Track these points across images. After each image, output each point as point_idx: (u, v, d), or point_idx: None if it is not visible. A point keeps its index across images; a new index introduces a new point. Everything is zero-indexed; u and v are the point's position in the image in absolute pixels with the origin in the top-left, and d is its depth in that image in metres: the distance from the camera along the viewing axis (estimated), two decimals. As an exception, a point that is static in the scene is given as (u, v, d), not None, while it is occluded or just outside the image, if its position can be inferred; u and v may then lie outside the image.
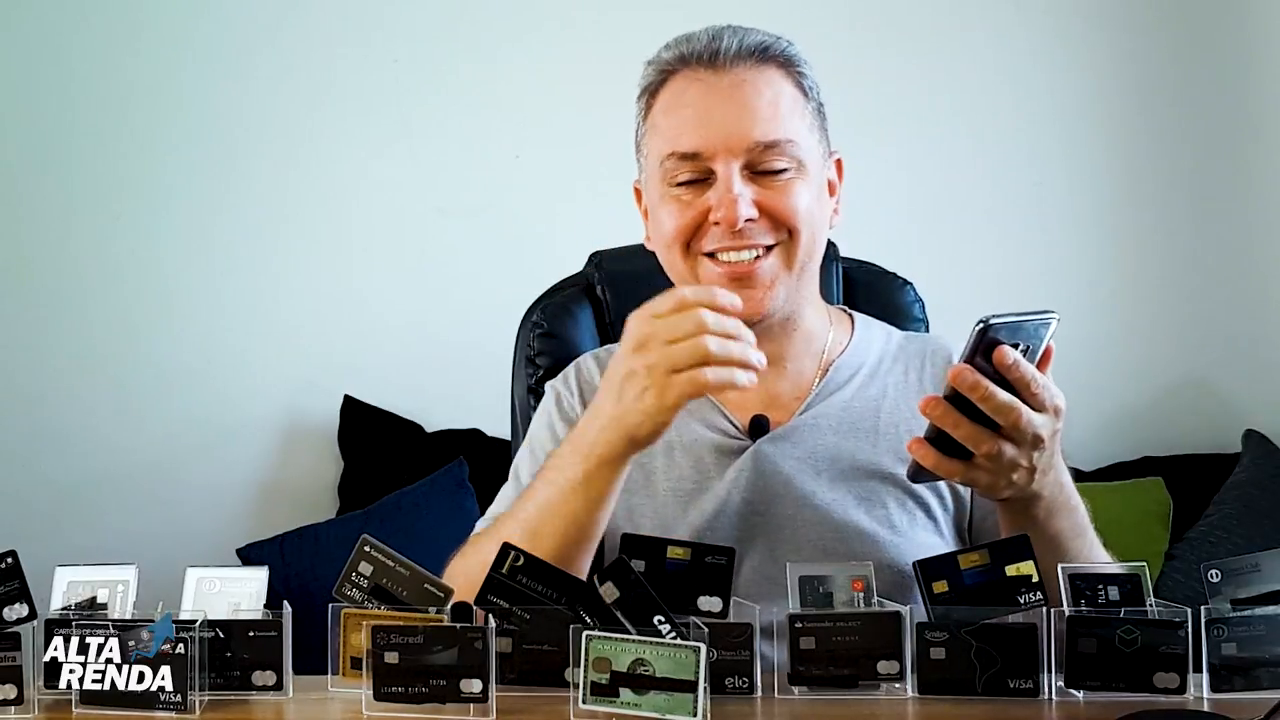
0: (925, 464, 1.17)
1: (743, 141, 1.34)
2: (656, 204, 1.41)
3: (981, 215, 3.11)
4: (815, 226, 1.39)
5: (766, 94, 1.36)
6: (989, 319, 1.10)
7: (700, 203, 1.36)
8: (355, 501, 2.96)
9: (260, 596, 1.16)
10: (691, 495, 1.41)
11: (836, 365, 1.47)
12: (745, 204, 1.33)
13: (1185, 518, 2.82)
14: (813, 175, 1.38)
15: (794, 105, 1.38)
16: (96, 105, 3.07)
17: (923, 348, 1.51)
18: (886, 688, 1.11)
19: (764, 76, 1.37)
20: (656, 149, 1.40)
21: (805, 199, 1.37)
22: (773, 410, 1.44)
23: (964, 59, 3.12)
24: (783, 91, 1.37)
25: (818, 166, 1.40)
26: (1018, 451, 1.15)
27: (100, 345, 3.05)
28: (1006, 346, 1.11)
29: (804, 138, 1.38)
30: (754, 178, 1.35)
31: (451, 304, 3.06)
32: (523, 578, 1.10)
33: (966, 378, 1.11)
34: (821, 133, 1.42)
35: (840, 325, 1.51)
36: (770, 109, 1.36)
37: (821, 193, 1.41)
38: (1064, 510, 1.25)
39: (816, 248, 1.41)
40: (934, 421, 1.14)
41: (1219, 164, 3.11)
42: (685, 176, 1.37)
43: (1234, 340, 3.11)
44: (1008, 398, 1.12)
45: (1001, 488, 1.19)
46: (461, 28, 3.09)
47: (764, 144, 1.34)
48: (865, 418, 1.44)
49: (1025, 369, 1.12)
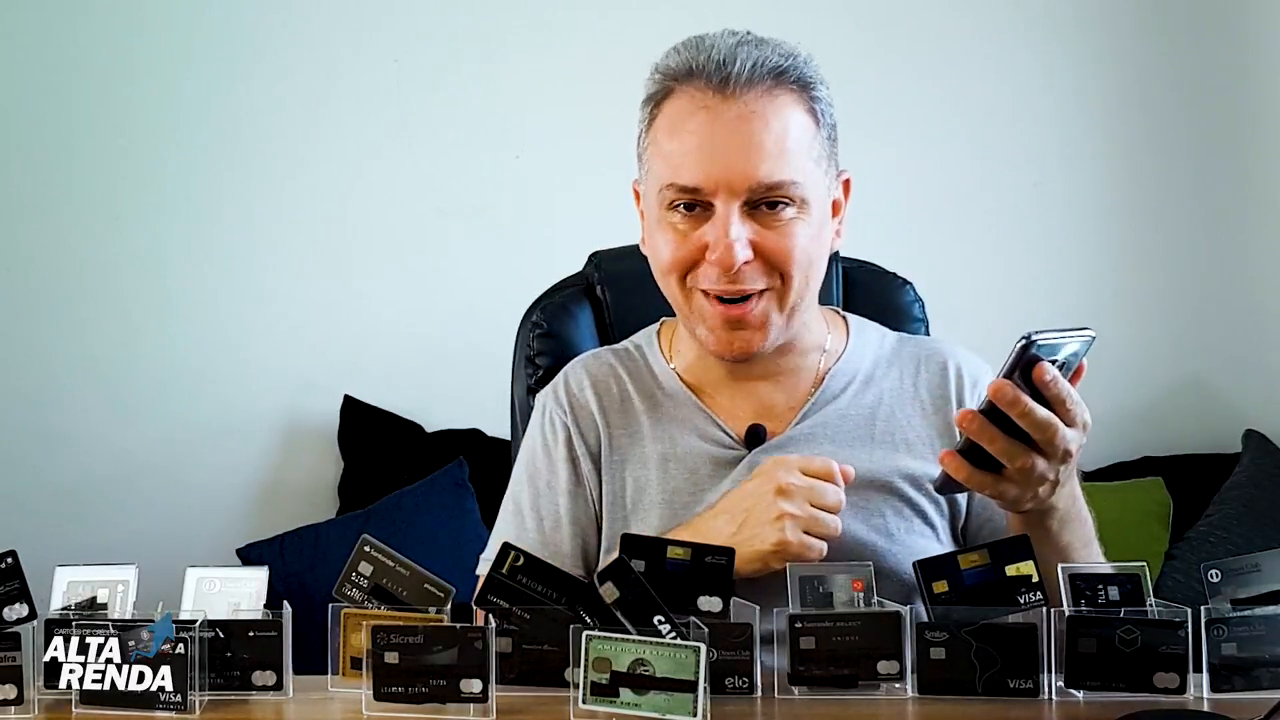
0: (957, 477, 1.18)
1: (745, 181, 1.31)
2: (654, 224, 1.39)
3: (981, 215, 3.11)
4: (810, 268, 1.37)
5: (775, 127, 1.31)
6: (1032, 335, 1.11)
7: (697, 237, 1.34)
8: (355, 501, 2.96)
9: (260, 596, 1.16)
10: (687, 506, 1.40)
11: (832, 373, 1.46)
12: (742, 247, 1.31)
13: (1185, 518, 2.82)
14: (814, 213, 1.35)
15: (802, 138, 1.33)
16: (96, 105, 3.07)
17: (917, 352, 1.50)
18: (886, 688, 1.11)
19: (774, 106, 1.32)
20: (656, 172, 1.37)
21: (803, 240, 1.34)
22: (768, 420, 1.43)
23: (964, 59, 3.12)
24: (792, 123, 1.33)
25: (821, 201, 1.37)
26: (1048, 465, 1.16)
27: (100, 345, 3.05)
28: (1046, 363, 1.12)
29: (809, 175, 1.34)
30: (753, 214, 1.33)
31: (451, 304, 3.06)
32: (523, 578, 1.10)
33: (1007, 393, 1.12)
34: (830, 159, 1.39)
35: (836, 330, 1.50)
36: (777, 146, 1.31)
37: (822, 227, 1.38)
38: (1075, 521, 1.27)
39: (811, 287, 1.39)
40: (970, 436, 1.15)
41: (1219, 164, 3.11)
42: (684, 206, 1.35)
43: (1234, 340, 3.11)
44: (1046, 414, 1.13)
45: (1026, 501, 1.20)
46: (461, 28, 3.09)
47: (767, 184, 1.31)
48: (861, 426, 1.43)
49: (1062, 386, 1.13)
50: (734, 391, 1.45)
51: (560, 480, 1.45)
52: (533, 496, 1.45)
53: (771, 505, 1.26)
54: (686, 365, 1.48)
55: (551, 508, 1.44)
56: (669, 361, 1.49)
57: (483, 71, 3.09)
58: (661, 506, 1.41)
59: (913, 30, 3.11)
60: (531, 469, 1.48)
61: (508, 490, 1.51)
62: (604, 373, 1.50)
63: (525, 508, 1.46)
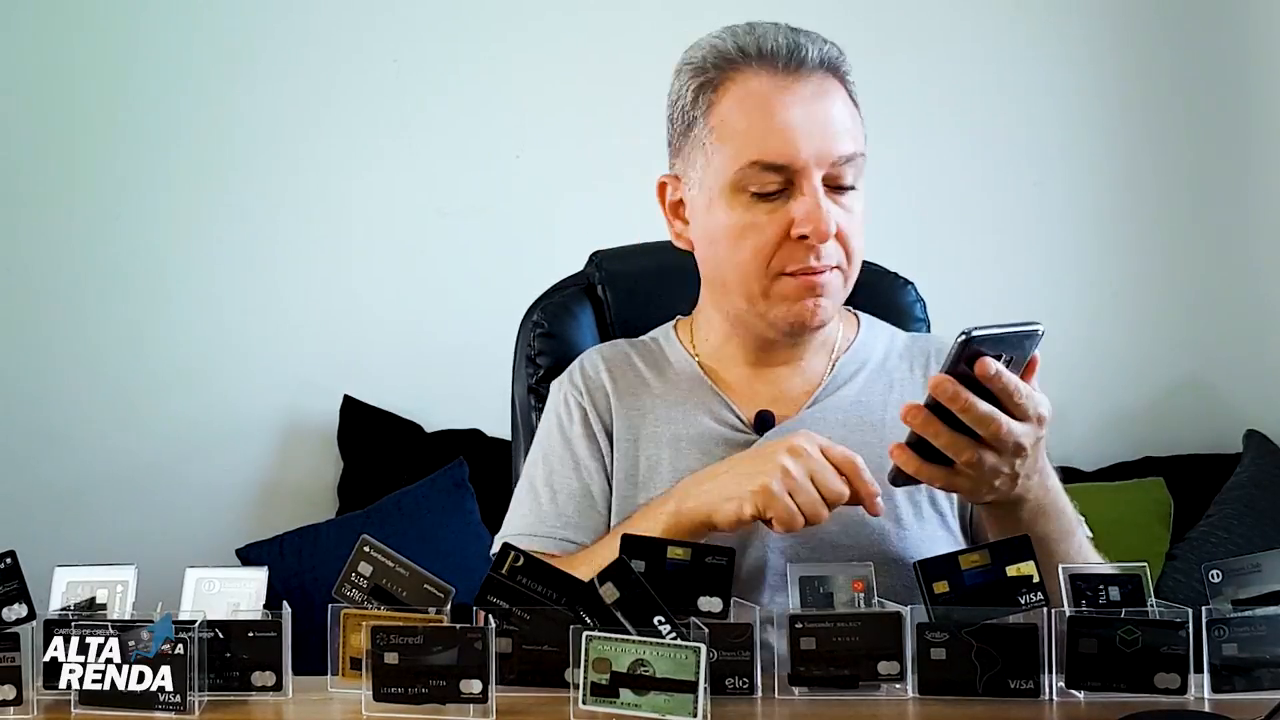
0: (907, 469, 1.17)
1: (829, 155, 1.32)
2: (724, 210, 1.37)
3: (981, 215, 3.11)
4: (862, 250, 1.40)
5: (840, 106, 1.36)
6: (971, 330, 1.10)
7: (781, 217, 1.34)
8: (355, 501, 2.96)
9: (260, 597, 1.16)
10: None
11: (843, 361, 1.47)
12: (832, 220, 1.32)
13: (1186, 518, 2.81)
14: (863, 196, 1.39)
15: (857, 120, 1.38)
16: (96, 105, 3.07)
17: (927, 346, 1.52)
18: (887, 688, 1.11)
19: (834, 88, 1.36)
20: (729, 153, 1.35)
21: (861, 221, 1.38)
22: (779, 405, 1.44)
23: (964, 59, 3.12)
24: (848, 104, 1.38)
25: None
26: (998, 459, 1.15)
27: (100, 345, 3.05)
28: (988, 357, 1.11)
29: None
30: (829, 193, 1.34)
31: (451, 304, 3.06)
32: (523, 578, 1.10)
33: (946, 388, 1.11)
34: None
35: (847, 323, 1.52)
36: (848, 122, 1.36)
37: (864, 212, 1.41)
38: (1050, 513, 1.26)
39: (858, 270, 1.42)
40: (914, 429, 1.15)
41: (1219, 164, 3.11)
42: (771, 188, 1.33)
43: (1234, 340, 3.11)
44: (987, 408, 1.12)
45: (984, 493, 1.19)
46: (461, 28, 3.09)
47: (845, 157, 1.34)
48: (872, 411, 1.44)
49: (1007, 379, 1.12)
50: (751, 377, 1.46)
51: (577, 455, 1.46)
52: (547, 473, 1.46)
53: (776, 456, 1.24)
54: (708, 353, 1.49)
55: (566, 482, 1.45)
56: (690, 351, 1.50)
57: (483, 71, 3.09)
58: (672, 485, 1.41)
59: (913, 30, 3.11)
60: (546, 447, 1.49)
61: (523, 473, 1.52)
62: (619, 357, 1.52)
63: (539, 484, 1.47)
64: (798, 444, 1.25)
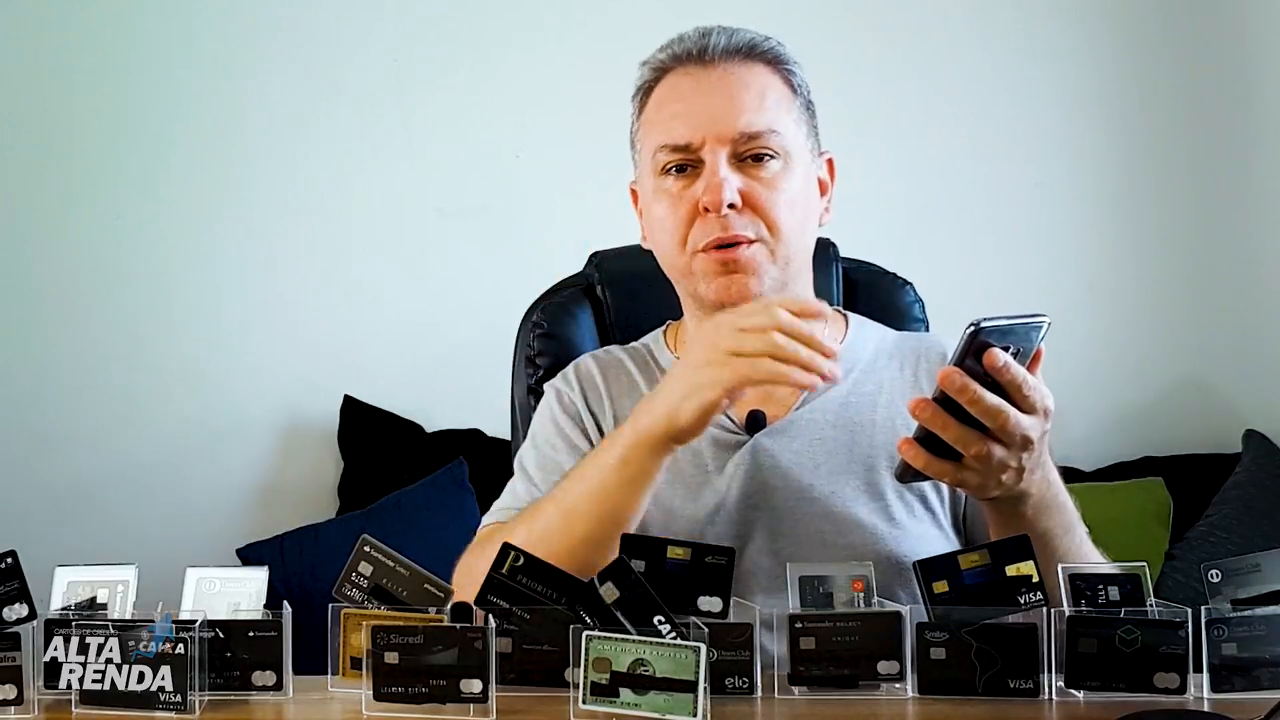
0: (915, 465, 1.17)
1: (729, 130, 1.38)
2: (650, 199, 1.45)
3: (981, 215, 3.11)
4: (800, 221, 1.41)
5: (753, 87, 1.41)
6: (979, 322, 1.10)
7: (690, 194, 1.40)
8: (355, 501, 2.96)
9: (260, 596, 1.16)
10: (691, 490, 1.42)
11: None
12: (730, 189, 1.37)
13: (1185, 518, 2.82)
14: (798, 169, 1.41)
15: (781, 99, 1.42)
16: (96, 105, 3.07)
17: (917, 345, 1.52)
18: (886, 688, 1.11)
19: (751, 71, 1.42)
20: (650, 143, 1.44)
21: (789, 192, 1.40)
22: (769, 405, 1.44)
23: (964, 58, 3.12)
24: (770, 85, 1.42)
25: (805, 162, 1.43)
26: (1006, 453, 1.15)
27: (100, 345, 3.05)
28: (997, 349, 1.11)
29: (789, 130, 1.41)
30: (741, 166, 1.39)
31: (451, 304, 3.06)
32: (523, 578, 1.10)
33: (955, 380, 1.11)
34: (810, 130, 1.46)
35: (835, 323, 1.53)
36: (756, 100, 1.40)
37: (808, 188, 1.44)
38: (1052, 508, 1.25)
39: (801, 243, 1.43)
40: (923, 423, 1.14)
41: (1219, 164, 3.11)
42: (675, 165, 1.40)
43: (1234, 340, 3.11)
44: (996, 401, 1.12)
45: (990, 488, 1.19)
46: (461, 27, 3.09)
47: (749, 133, 1.38)
48: (862, 411, 1.44)
49: (1015, 371, 1.12)
50: None
51: (568, 438, 1.47)
52: (538, 457, 1.48)
53: (718, 334, 1.22)
54: None
55: (555, 462, 1.46)
56: (677, 354, 1.51)
57: (483, 71, 3.09)
58: (666, 486, 1.41)
59: (913, 30, 3.11)
60: (539, 439, 1.51)
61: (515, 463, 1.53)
62: (612, 362, 1.54)
63: (530, 466, 1.48)
64: (707, 326, 1.25)
